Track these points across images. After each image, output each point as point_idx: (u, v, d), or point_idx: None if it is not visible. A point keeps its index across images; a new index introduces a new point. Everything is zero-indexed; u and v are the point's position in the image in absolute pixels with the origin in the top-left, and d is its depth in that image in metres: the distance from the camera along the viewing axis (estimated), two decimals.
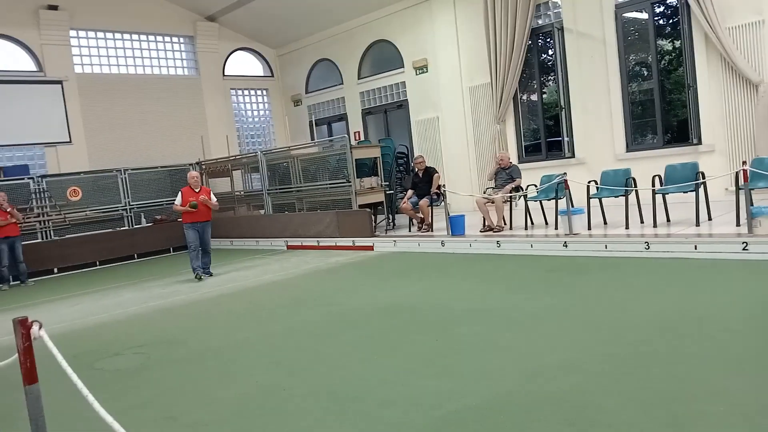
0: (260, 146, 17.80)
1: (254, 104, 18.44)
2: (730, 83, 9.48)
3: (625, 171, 8.59)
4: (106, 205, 13.76)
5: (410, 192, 10.59)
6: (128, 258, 13.25)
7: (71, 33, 14.79)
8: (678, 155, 9.70)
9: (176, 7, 16.37)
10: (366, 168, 11.80)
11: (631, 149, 10.82)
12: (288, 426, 3.47)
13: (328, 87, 16.87)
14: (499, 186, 9.58)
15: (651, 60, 10.59)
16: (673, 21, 10.55)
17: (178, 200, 9.36)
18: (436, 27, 13.59)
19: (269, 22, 16.49)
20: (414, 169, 10.85)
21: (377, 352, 4.69)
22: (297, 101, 17.95)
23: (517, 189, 9.44)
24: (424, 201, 10.26)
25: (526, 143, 12.73)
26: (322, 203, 12.16)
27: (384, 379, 4.02)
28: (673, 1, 10.34)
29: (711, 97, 9.76)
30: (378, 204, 11.65)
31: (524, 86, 12.69)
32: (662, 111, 10.58)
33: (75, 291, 9.73)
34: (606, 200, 8.74)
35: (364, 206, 11.13)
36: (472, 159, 13.21)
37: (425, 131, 14.23)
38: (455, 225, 9.53)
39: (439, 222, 10.36)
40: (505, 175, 9.57)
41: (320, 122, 17.25)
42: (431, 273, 7.85)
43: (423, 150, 13.78)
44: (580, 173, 10.41)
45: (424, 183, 10.38)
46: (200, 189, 9.48)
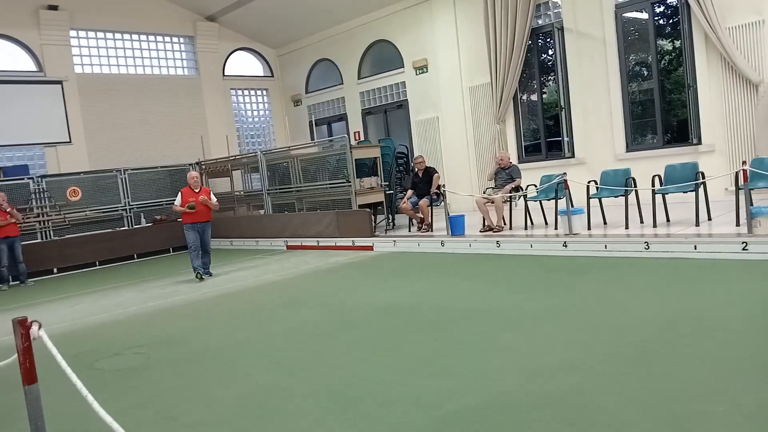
0: (260, 146, 17.80)
1: (254, 104, 18.44)
2: (730, 83, 9.49)
3: (625, 171, 8.59)
4: (106, 205, 13.76)
5: (410, 192, 10.59)
6: (128, 258, 13.26)
7: (71, 33, 14.79)
8: (678, 155, 9.70)
9: (176, 7, 16.37)
10: (366, 168, 11.80)
11: (631, 149, 10.82)
12: (288, 426, 3.47)
13: (328, 87, 16.87)
14: (499, 186, 9.58)
15: (651, 60, 10.59)
16: (673, 21, 10.55)
17: (178, 201, 9.35)
18: (436, 27, 13.59)
19: (269, 22, 16.49)
20: (414, 169, 10.85)
21: (377, 352, 4.69)
22: (297, 101, 17.95)
23: (517, 189, 9.44)
24: (424, 201, 10.26)
25: (526, 143, 12.73)
26: (322, 203, 12.16)
27: (384, 379, 4.02)
28: (673, 1, 10.34)
29: (711, 97, 9.76)
30: (378, 204, 11.65)
31: (524, 86, 12.69)
32: (662, 111, 10.58)
33: (75, 291, 9.73)
34: (606, 200, 8.74)
35: (364, 206, 11.13)
36: (472, 159, 13.21)
37: (425, 131, 14.23)
38: (455, 225, 9.53)
39: (439, 222, 10.36)
40: (505, 175, 9.57)
41: (320, 122, 17.25)
42: (431, 273, 7.84)
43: (423, 150, 13.78)
44: (580, 173, 10.41)
45: (424, 183, 10.38)
46: (200, 189, 9.48)
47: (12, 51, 14.03)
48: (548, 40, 12.22)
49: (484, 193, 9.97)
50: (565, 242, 7.87)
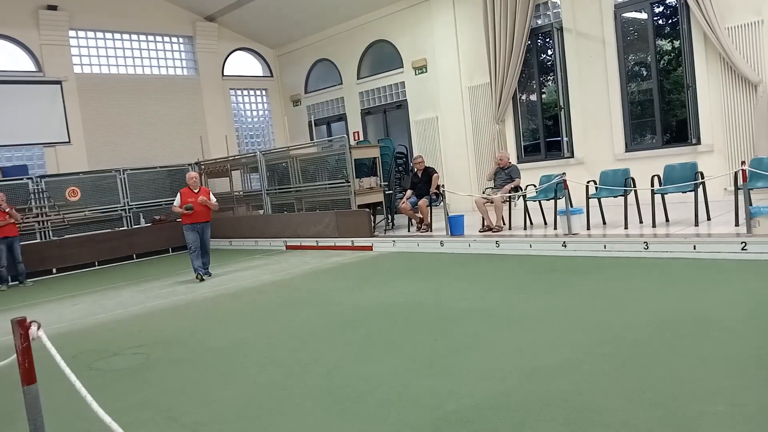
0: (259, 146, 17.79)
1: (253, 104, 18.44)
2: (729, 83, 9.49)
3: (624, 171, 8.59)
4: (105, 206, 13.75)
5: (409, 192, 10.59)
6: (127, 258, 13.25)
7: (70, 33, 14.79)
8: (677, 155, 9.71)
9: (175, 8, 16.36)
10: (365, 168, 11.80)
11: (630, 149, 10.83)
12: (287, 426, 3.47)
13: (328, 87, 16.87)
14: (498, 186, 9.58)
15: (650, 60, 10.60)
16: (673, 21, 10.56)
17: (177, 201, 9.34)
18: (436, 27, 13.59)
19: (268, 22, 16.49)
20: (413, 169, 10.85)
21: (376, 352, 4.68)
22: (296, 101, 17.95)
23: (516, 189, 9.44)
24: (423, 201, 10.26)
25: (526, 143, 12.73)
26: (321, 203, 12.16)
27: (383, 379, 4.02)
28: (673, 1, 10.35)
29: (710, 97, 9.76)
30: (377, 204, 11.65)
31: (523, 86, 12.69)
32: (661, 111, 10.59)
33: (74, 291, 9.73)
34: (605, 200, 8.74)
35: (363, 206, 11.13)
36: (471, 159, 13.21)
37: (424, 131, 14.23)
38: (454, 225, 9.53)
39: (438, 222, 10.36)
40: (504, 175, 9.57)
41: (319, 122, 17.24)
42: (430, 273, 7.84)
43: (422, 150, 13.78)
44: (579, 173, 10.42)
45: (423, 183, 10.38)
46: (199, 189, 9.46)
47: (11, 51, 14.03)
48: (547, 40, 12.22)
49: (484, 193, 9.97)
50: (565, 242, 7.87)
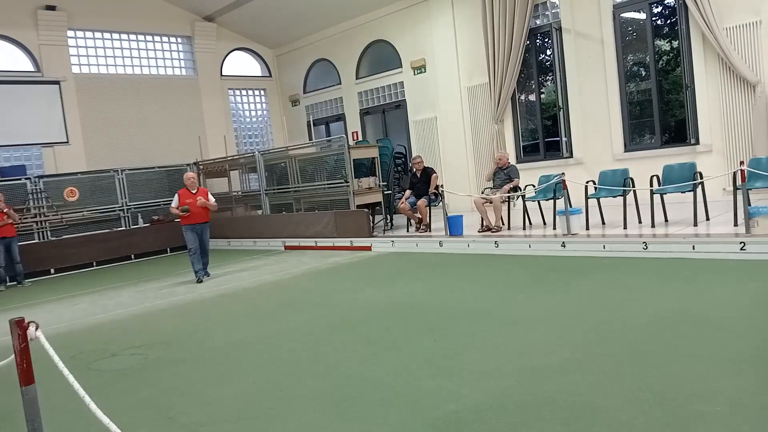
0: (258, 146, 17.77)
1: (252, 104, 18.42)
2: (728, 83, 9.50)
3: (623, 171, 8.60)
4: (104, 206, 13.72)
5: (408, 192, 10.59)
6: (126, 258, 13.23)
7: (69, 33, 14.76)
8: (676, 155, 9.72)
9: (174, 8, 16.34)
10: (364, 168, 11.79)
11: (629, 149, 10.83)
12: (286, 426, 3.47)
13: (326, 87, 16.86)
14: (497, 186, 9.58)
15: (649, 60, 10.60)
16: (671, 21, 10.56)
17: (175, 202, 9.30)
18: (435, 27, 13.59)
19: (267, 22, 16.48)
20: (412, 170, 10.85)
21: (375, 353, 4.68)
22: (295, 101, 17.94)
23: (515, 189, 9.44)
24: (422, 201, 10.26)
25: (524, 143, 12.72)
26: (320, 203, 12.15)
27: (382, 380, 4.02)
28: (671, 2, 10.35)
29: (709, 98, 9.77)
30: (376, 204, 11.64)
31: (522, 86, 12.69)
32: (660, 111, 10.59)
33: (72, 291, 9.72)
34: (604, 200, 8.74)
35: (362, 206, 11.12)
36: (470, 159, 13.21)
37: (423, 131, 14.22)
38: (453, 225, 9.53)
39: (437, 222, 10.36)
40: (503, 175, 9.57)
41: (318, 122, 17.23)
42: (429, 273, 7.84)
43: (421, 150, 13.78)
44: (578, 173, 10.42)
45: (422, 183, 10.38)
46: (197, 190, 9.44)
47: (10, 51, 14.00)
48: (546, 41, 12.23)
49: (483, 194, 9.97)
50: (564, 242, 7.87)
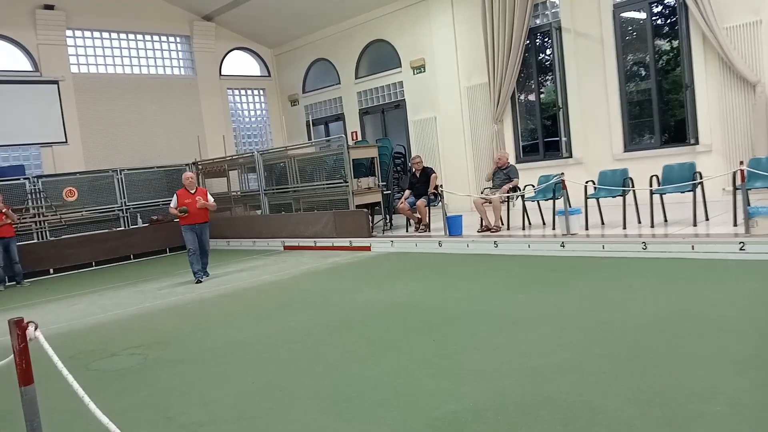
0: (257, 146, 17.77)
1: (251, 104, 18.41)
2: (728, 83, 9.50)
3: (623, 171, 8.60)
4: (103, 206, 13.71)
5: (407, 192, 10.58)
6: (125, 258, 13.22)
7: (67, 33, 14.74)
8: (675, 155, 9.71)
9: (173, 7, 16.33)
10: (363, 168, 11.79)
11: (629, 149, 10.83)
12: (285, 426, 3.46)
13: (325, 87, 16.85)
14: (497, 186, 9.58)
15: (649, 60, 10.60)
16: (671, 21, 10.56)
17: (174, 202, 9.29)
18: (434, 26, 13.58)
19: (266, 22, 16.47)
20: (411, 169, 10.84)
21: (374, 353, 4.67)
22: (294, 101, 17.93)
23: (515, 189, 9.44)
24: (422, 201, 10.25)
25: (524, 143, 12.72)
26: (319, 203, 12.14)
27: (381, 380, 4.01)
28: (671, 1, 10.35)
29: (708, 97, 9.77)
30: (375, 204, 11.64)
31: (522, 86, 12.68)
32: (660, 111, 10.59)
33: (71, 292, 9.70)
34: (603, 200, 8.73)
35: (362, 206, 11.11)
36: (470, 159, 13.20)
37: (423, 131, 14.22)
38: (452, 225, 9.52)
39: (437, 222, 10.36)
40: (503, 175, 9.57)
41: (317, 122, 17.22)
42: (428, 273, 7.84)
43: (420, 150, 13.77)
44: (578, 173, 10.41)
45: (422, 183, 10.37)
46: (196, 190, 9.42)
47: (8, 51, 13.98)
48: (546, 40, 12.22)
49: (482, 193, 9.97)
50: (563, 242, 7.87)
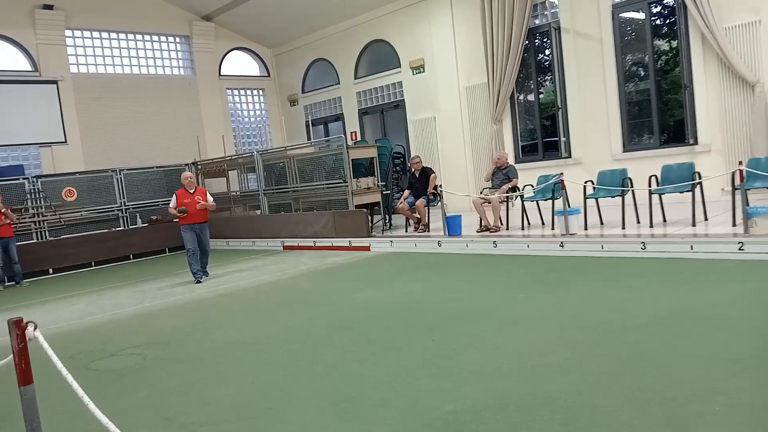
0: (256, 146, 17.77)
1: (250, 104, 18.41)
2: (727, 83, 9.50)
3: (622, 171, 8.60)
4: (102, 206, 13.71)
5: (407, 192, 10.59)
6: (124, 258, 13.21)
7: (67, 33, 14.74)
8: (674, 155, 9.72)
9: (172, 7, 16.32)
10: (362, 168, 11.78)
11: (628, 149, 10.83)
12: (285, 426, 3.46)
13: (325, 87, 16.85)
14: (496, 186, 9.58)
15: (648, 60, 10.61)
16: (670, 21, 10.57)
17: (173, 203, 9.28)
18: (433, 27, 13.58)
19: (265, 22, 16.47)
20: (411, 170, 10.84)
21: (374, 353, 4.68)
22: (293, 101, 17.93)
23: (514, 189, 9.44)
24: (421, 201, 10.25)
25: (523, 143, 12.72)
26: (319, 203, 12.14)
27: (381, 380, 4.01)
28: (670, 2, 10.36)
29: (708, 98, 9.78)
30: (374, 204, 11.64)
31: (521, 86, 12.69)
32: (659, 111, 10.60)
33: (71, 292, 9.70)
34: (602, 200, 8.74)
35: (361, 206, 11.11)
36: (469, 159, 13.21)
37: (422, 131, 14.22)
38: (452, 225, 9.52)
39: (436, 222, 10.36)
40: (502, 175, 9.57)
41: (317, 122, 17.22)
42: (428, 273, 7.84)
43: (419, 150, 13.78)
44: (577, 173, 10.41)
45: (421, 183, 10.37)
46: (195, 190, 9.42)
47: (7, 50, 13.98)
48: (545, 40, 12.23)
49: (481, 193, 9.97)
50: (562, 242, 7.87)
